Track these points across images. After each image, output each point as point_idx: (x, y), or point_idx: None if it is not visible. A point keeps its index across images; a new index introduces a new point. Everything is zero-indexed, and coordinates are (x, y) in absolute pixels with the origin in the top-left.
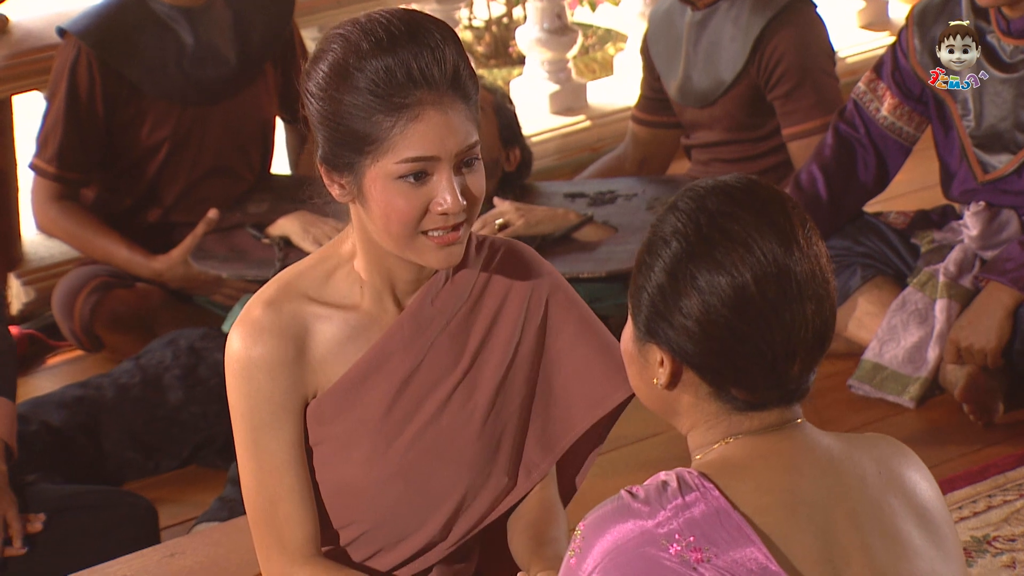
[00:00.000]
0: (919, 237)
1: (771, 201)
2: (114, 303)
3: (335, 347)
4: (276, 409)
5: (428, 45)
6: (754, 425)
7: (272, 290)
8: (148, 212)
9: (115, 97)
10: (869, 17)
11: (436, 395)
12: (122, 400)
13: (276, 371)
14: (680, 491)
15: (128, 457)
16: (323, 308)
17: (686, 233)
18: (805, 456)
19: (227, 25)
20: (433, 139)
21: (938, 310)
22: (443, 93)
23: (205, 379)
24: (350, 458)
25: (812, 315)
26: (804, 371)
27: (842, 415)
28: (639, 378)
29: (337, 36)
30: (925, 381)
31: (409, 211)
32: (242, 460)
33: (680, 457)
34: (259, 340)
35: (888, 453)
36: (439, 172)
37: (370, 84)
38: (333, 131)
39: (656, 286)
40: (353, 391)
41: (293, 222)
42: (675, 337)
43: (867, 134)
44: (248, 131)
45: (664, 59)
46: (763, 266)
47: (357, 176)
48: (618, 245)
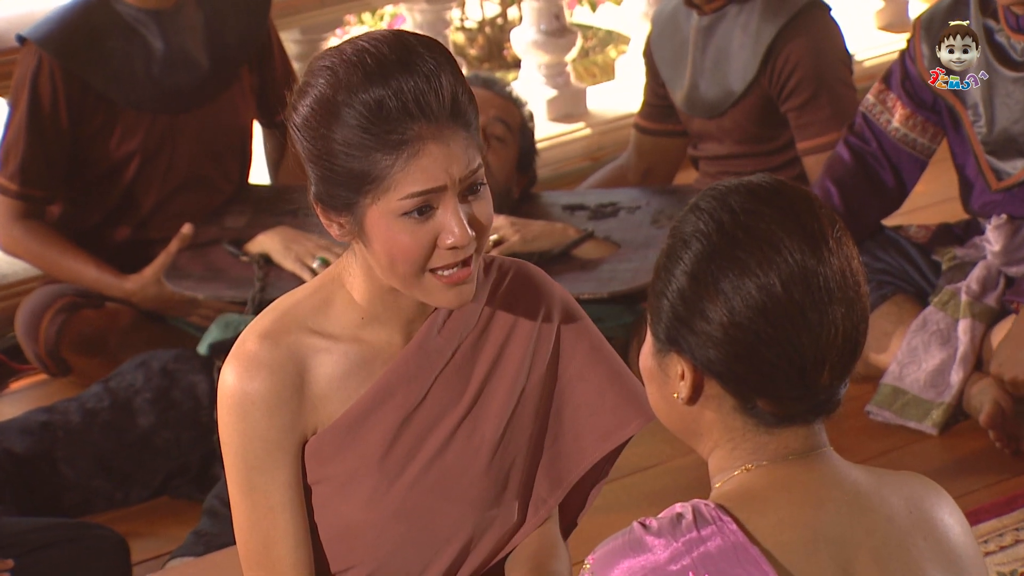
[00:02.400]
0: (940, 253)
1: (798, 200)
2: (82, 324)
3: (335, 382)
4: (272, 448)
5: (422, 73)
6: (779, 449)
7: (268, 320)
8: (118, 228)
9: (80, 108)
10: (888, 18)
11: (440, 430)
12: (89, 425)
13: (273, 408)
14: (695, 524)
15: (96, 486)
16: (322, 340)
17: (707, 233)
18: (830, 490)
19: (199, 27)
20: (436, 171)
21: (961, 330)
22: (442, 124)
23: (178, 403)
24: (350, 498)
25: (842, 319)
26: (834, 380)
27: (860, 443)
28: (659, 395)
29: (322, 69)
30: (948, 406)
31: (416, 249)
32: (235, 500)
33: (684, 488)
34: (255, 375)
35: (920, 493)
36: (444, 204)
37: (362, 121)
38: (326, 170)
39: (677, 291)
40: (354, 428)
41: (273, 238)
42: (697, 344)
43: (879, 147)
44: (224, 139)
45: (669, 65)
46: (790, 266)
47: (357, 216)
48: (620, 263)
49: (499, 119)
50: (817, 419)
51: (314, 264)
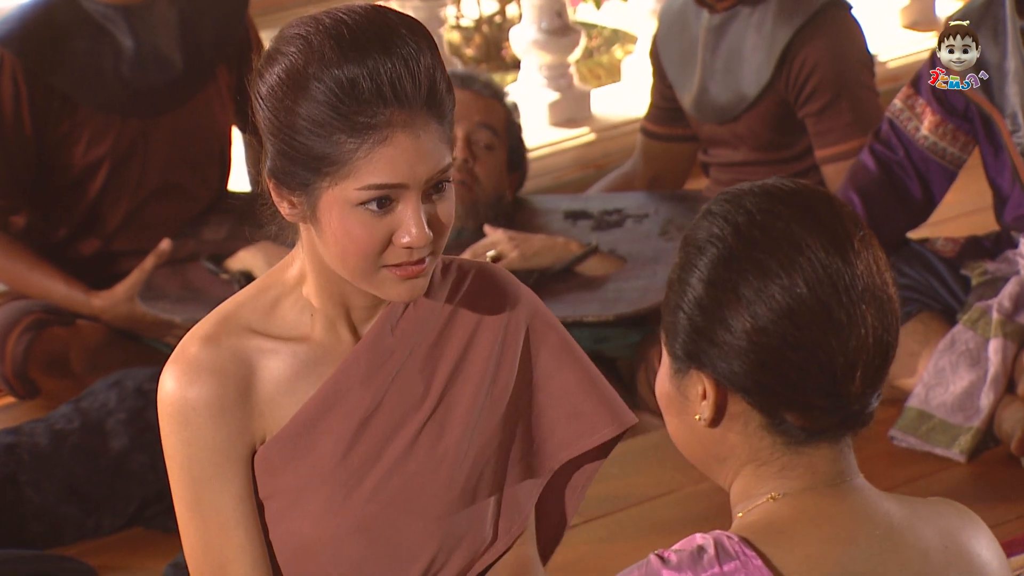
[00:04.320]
0: (970, 268)
1: (818, 200)
2: (51, 343)
3: (284, 385)
4: (219, 459)
5: (401, 55)
6: (807, 474)
7: (210, 324)
8: (88, 240)
9: (45, 111)
10: (913, 16)
11: (400, 437)
12: (58, 448)
13: (217, 414)
14: (718, 559)
15: (64, 513)
16: (269, 341)
17: (723, 237)
18: (861, 524)
19: (172, 24)
20: (401, 165)
21: (991, 350)
22: (415, 113)
23: (154, 424)
24: (304, 512)
25: (872, 320)
26: (866, 388)
27: (883, 470)
28: (679, 420)
29: (296, 37)
30: (978, 432)
31: (369, 242)
32: (183, 518)
33: (696, 518)
34: (196, 380)
35: (956, 524)
36: (405, 200)
37: (331, 98)
38: (286, 145)
39: (693, 300)
40: (305, 435)
41: (256, 255)
42: (719, 357)
43: (906, 156)
44: (200, 144)
45: (677, 66)
46: (814, 266)
47: (311, 197)
48: (627, 282)
49: (483, 125)
50: (848, 433)
51: None
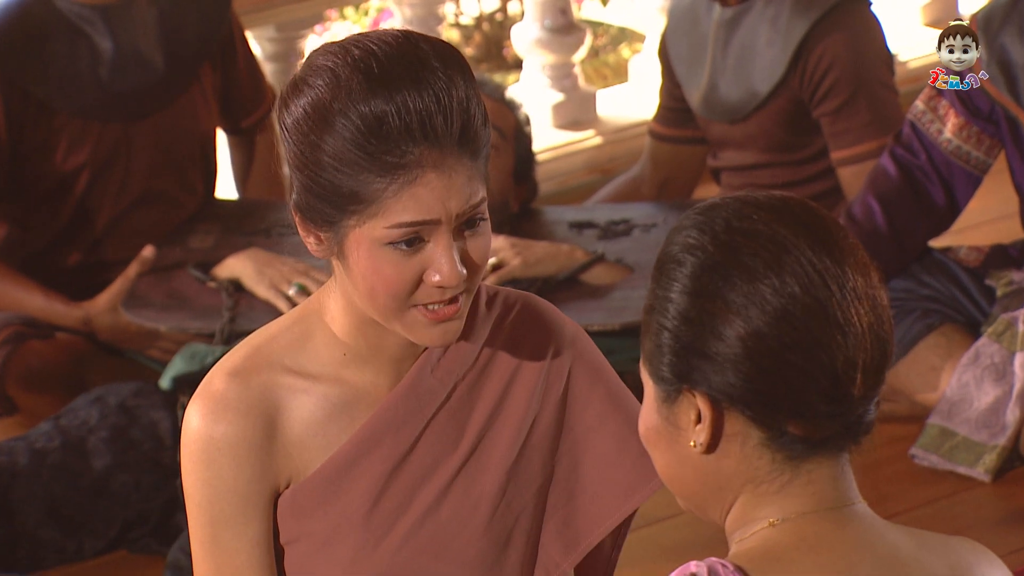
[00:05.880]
0: (995, 278)
1: (797, 204)
2: (29, 357)
3: (313, 427)
4: (239, 501)
5: (432, 89)
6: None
7: (239, 357)
8: (69, 251)
9: (21, 118)
10: (935, 13)
11: (433, 482)
12: (38, 467)
13: (242, 456)
14: None
15: (44, 536)
16: (300, 380)
17: (701, 245)
18: (863, 554)
19: (152, 24)
20: (432, 202)
21: (1017, 365)
22: (447, 151)
23: (138, 443)
24: (331, 559)
25: (867, 316)
26: (867, 391)
27: (903, 491)
28: (670, 454)
29: (323, 69)
30: (1003, 450)
31: (399, 281)
32: (197, 555)
33: (706, 541)
34: (222, 418)
35: (969, 560)
36: (436, 238)
37: (357, 135)
38: (311, 181)
39: (678, 316)
40: (337, 480)
41: (244, 262)
42: (713, 371)
43: (928, 160)
44: (184, 148)
45: (685, 62)
46: (802, 264)
47: (338, 234)
48: (634, 290)
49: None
50: (848, 445)
51: (290, 291)
